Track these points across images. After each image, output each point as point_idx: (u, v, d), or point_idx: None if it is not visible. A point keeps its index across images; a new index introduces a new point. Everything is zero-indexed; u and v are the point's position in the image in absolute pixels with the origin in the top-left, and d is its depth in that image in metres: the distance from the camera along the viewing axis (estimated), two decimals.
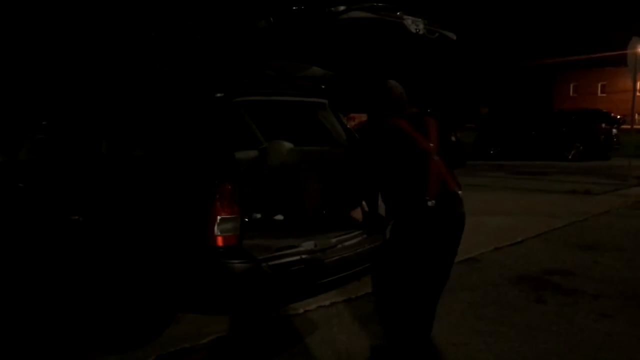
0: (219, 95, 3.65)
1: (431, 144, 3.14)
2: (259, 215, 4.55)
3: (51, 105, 4.96)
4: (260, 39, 3.61)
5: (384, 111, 3.28)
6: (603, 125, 19.17)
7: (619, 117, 20.93)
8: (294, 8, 3.31)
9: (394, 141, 3.13)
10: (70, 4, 14.37)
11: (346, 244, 4.03)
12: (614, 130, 19.26)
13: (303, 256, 3.69)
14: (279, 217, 4.64)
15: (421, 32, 3.34)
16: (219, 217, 3.23)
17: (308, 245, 3.81)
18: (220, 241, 3.26)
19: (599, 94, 50.92)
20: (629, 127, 14.04)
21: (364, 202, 3.73)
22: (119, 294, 3.64)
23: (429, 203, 3.00)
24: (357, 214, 3.55)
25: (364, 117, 25.57)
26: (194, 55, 4.43)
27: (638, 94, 13.44)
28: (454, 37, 3.66)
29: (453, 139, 3.52)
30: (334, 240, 3.99)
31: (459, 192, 3.15)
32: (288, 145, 4.81)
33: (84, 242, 3.89)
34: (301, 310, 4.33)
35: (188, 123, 3.72)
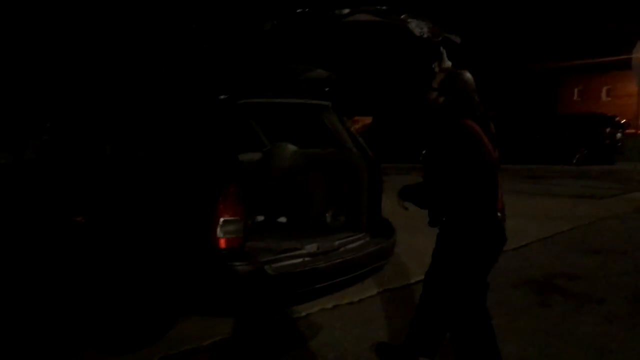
0: (222, 97, 3.65)
1: (496, 153, 3.05)
2: (262, 218, 4.56)
3: (56, 107, 4.98)
4: (265, 41, 3.62)
5: (457, 110, 3.01)
6: (608, 129, 19.11)
7: (623, 121, 20.87)
8: (299, 11, 3.31)
9: (470, 147, 2.90)
10: (76, 5, 14.42)
11: (349, 246, 4.03)
12: (619, 135, 19.20)
13: (306, 259, 3.69)
14: (282, 219, 4.65)
15: (426, 35, 3.32)
16: (222, 219, 3.23)
17: (311, 247, 3.81)
18: (223, 243, 3.26)
19: (604, 98, 50.68)
20: (633, 131, 14.00)
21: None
22: (123, 296, 3.64)
23: (499, 216, 3.03)
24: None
25: (367, 119, 25.55)
26: (198, 57, 4.44)
27: None
28: (459, 41, 3.65)
29: None
30: (337, 243, 3.99)
31: None
32: (292, 147, 4.82)
33: (88, 242, 3.90)
34: (304, 313, 4.32)
35: (192, 125, 3.73)
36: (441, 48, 3.23)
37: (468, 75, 3.07)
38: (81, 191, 4.14)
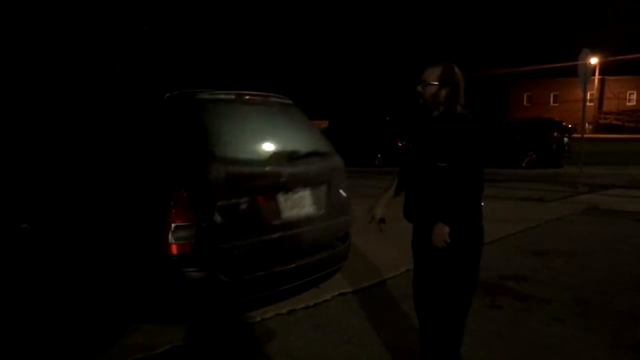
0: (175, 99, 3.58)
1: None
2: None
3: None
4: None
5: (456, 102, 3.00)
6: (555, 134, 19.70)
7: (570, 126, 21.55)
8: None
9: (481, 139, 2.94)
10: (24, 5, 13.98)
11: None
12: (566, 139, 19.79)
13: None
14: None
15: None
16: (173, 225, 3.15)
17: None
18: (174, 249, 3.19)
19: (552, 103, 52.40)
20: (579, 135, 14.42)
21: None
22: (70, 304, 3.53)
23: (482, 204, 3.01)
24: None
25: (323, 123, 25.64)
26: (149, 59, 4.36)
27: (588, 103, 13.81)
28: None
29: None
30: None
31: None
32: None
33: (33, 251, 3.76)
34: (258, 319, 4.29)
35: (143, 127, 3.63)
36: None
37: (457, 68, 3.07)
38: (26, 197, 3.99)
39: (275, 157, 3.72)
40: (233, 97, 3.79)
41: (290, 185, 3.72)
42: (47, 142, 4.15)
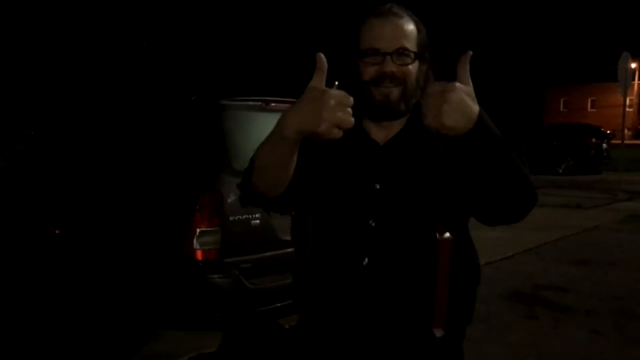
0: (200, 103, 3.54)
1: None
2: None
3: (38, 116, 4.87)
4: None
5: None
6: (593, 139, 19.22)
7: (609, 131, 21.01)
8: None
9: None
10: (65, 16, 14.26)
11: None
12: (604, 145, 19.32)
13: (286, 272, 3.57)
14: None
15: None
16: (198, 230, 3.11)
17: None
18: (200, 255, 3.14)
19: (589, 108, 51.37)
20: (619, 141, 14.04)
21: None
22: (95, 310, 3.51)
23: None
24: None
25: None
26: (184, 64, 4.35)
27: (628, 109, 13.43)
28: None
29: None
30: None
31: None
32: None
33: (62, 254, 3.77)
34: (286, 326, 4.20)
35: (168, 132, 3.61)
36: None
37: None
38: (57, 201, 4.01)
39: None
40: (260, 103, 3.73)
41: None
42: (76, 148, 4.18)
